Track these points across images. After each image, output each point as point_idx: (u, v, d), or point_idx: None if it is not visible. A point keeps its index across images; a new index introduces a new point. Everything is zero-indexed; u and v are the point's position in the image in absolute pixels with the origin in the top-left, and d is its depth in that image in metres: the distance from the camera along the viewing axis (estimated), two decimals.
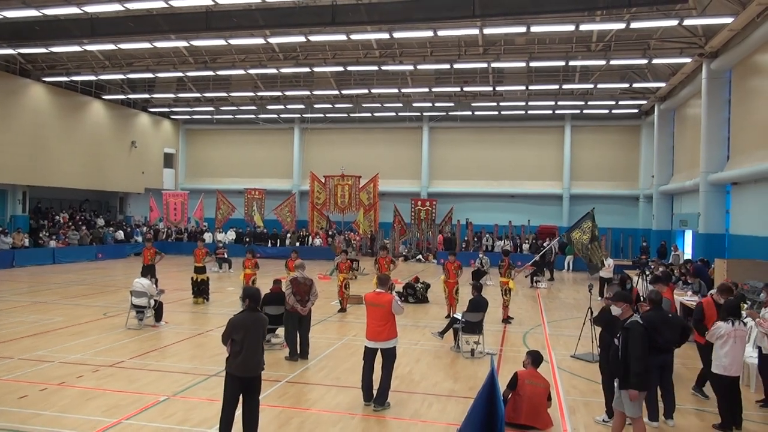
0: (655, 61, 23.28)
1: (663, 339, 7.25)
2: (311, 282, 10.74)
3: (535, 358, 7.46)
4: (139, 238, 32.94)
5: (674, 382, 8.07)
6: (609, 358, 6.66)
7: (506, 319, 14.69)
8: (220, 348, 11.15)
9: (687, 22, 18.60)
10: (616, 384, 6.56)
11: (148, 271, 16.51)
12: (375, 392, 8.10)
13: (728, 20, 17.88)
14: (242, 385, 6.43)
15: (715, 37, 19.83)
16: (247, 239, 33.92)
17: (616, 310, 6.62)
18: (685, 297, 13.93)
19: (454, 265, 15.01)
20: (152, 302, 13.12)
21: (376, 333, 8.01)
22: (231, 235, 34.29)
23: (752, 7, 16.61)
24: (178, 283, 19.87)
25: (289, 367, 10.05)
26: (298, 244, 33.11)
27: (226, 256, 25.66)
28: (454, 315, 12.01)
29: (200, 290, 16.61)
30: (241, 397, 6.50)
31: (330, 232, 33.84)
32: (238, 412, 6.52)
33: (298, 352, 10.53)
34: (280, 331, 11.30)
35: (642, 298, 10.10)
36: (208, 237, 33.29)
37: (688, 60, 22.42)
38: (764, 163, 16.81)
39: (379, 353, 8.05)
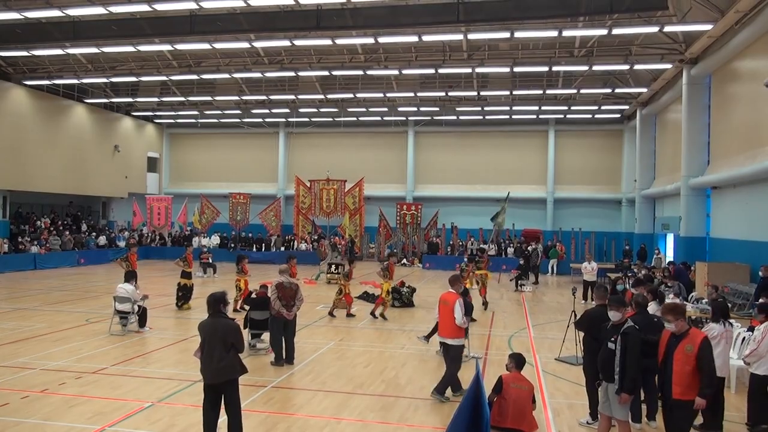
0: (636, 66, 23.59)
1: (648, 342, 7.33)
2: (297, 287, 10.73)
3: (518, 361, 7.49)
4: (122, 244, 32.62)
5: (656, 385, 8.17)
6: (597, 361, 6.68)
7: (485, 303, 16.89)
8: None
9: (667, 28, 18.91)
10: (600, 389, 6.61)
11: (132, 276, 16.31)
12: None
13: (707, 27, 18.19)
14: (212, 390, 6.44)
15: (695, 43, 20.16)
16: (232, 244, 33.79)
17: (615, 316, 6.62)
18: (666, 300, 14.06)
19: None
20: (136, 308, 13.01)
21: (442, 329, 8.70)
22: (215, 239, 34.08)
23: (730, 15, 16.91)
24: (162, 288, 19.71)
25: (274, 372, 10.02)
26: (283, 248, 33.06)
27: (210, 260, 25.50)
28: None
29: (186, 296, 16.43)
30: None
31: (314, 237, 33.78)
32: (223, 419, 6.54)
33: (284, 356, 10.50)
34: (266, 336, 11.27)
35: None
36: (194, 242, 33.13)
37: (668, 66, 22.74)
38: (743, 167, 17.10)
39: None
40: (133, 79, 28.44)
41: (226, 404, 6.49)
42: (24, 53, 24.23)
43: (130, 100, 33.29)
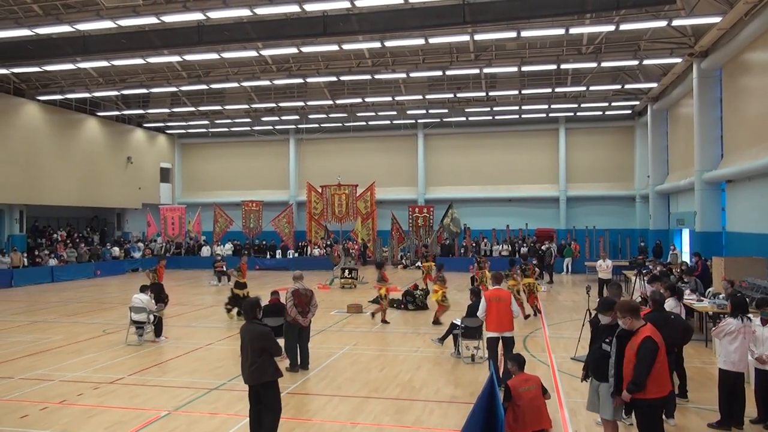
0: (645, 62, 23.38)
1: (665, 340, 7.22)
2: (311, 293, 10.74)
3: (519, 362, 7.33)
4: (137, 254, 32.92)
5: (674, 382, 8.08)
6: (589, 361, 6.65)
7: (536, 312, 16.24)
8: (221, 361, 11.21)
9: (676, 22, 18.72)
10: (590, 387, 6.54)
11: (159, 289, 16.29)
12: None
13: (716, 20, 18.01)
14: (252, 391, 6.79)
15: (704, 36, 19.96)
16: (246, 252, 33.94)
17: (605, 319, 6.56)
18: (684, 297, 13.91)
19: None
20: (152, 317, 13.11)
21: (499, 324, 9.15)
22: (229, 247, 34.27)
23: (739, 6, 16.73)
24: (178, 298, 19.83)
25: (290, 378, 10.04)
26: (297, 254, 33.17)
27: (225, 269, 25.62)
28: (454, 321, 12.03)
29: (237, 303, 16.06)
30: None
31: (327, 242, 33.85)
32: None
33: (299, 362, 10.53)
34: (280, 342, 11.28)
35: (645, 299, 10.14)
36: (206, 250, 33.35)
37: (678, 60, 22.55)
38: (757, 160, 16.89)
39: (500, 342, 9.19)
40: (143, 91, 28.72)
41: (263, 405, 6.78)
42: (36, 69, 24.55)
43: (141, 111, 33.60)
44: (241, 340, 6.89)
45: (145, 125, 36.47)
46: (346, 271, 24.02)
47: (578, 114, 32.71)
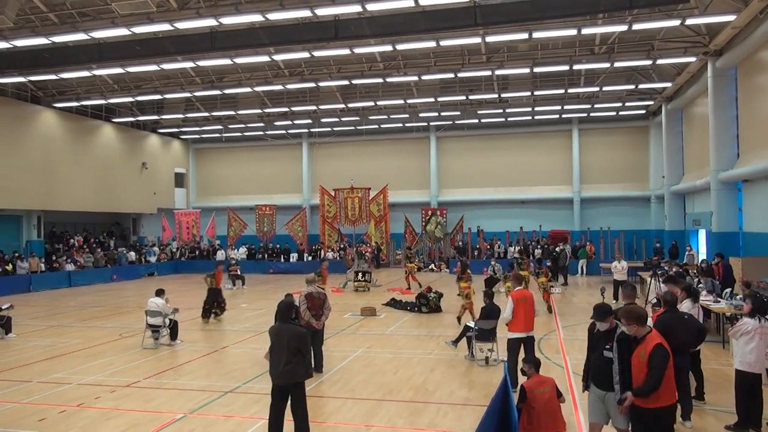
0: (659, 61, 23.21)
1: (679, 341, 7.15)
2: (325, 296, 10.76)
3: (537, 365, 7.29)
4: (153, 259, 33.23)
5: (690, 384, 8.01)
6: (591, 369, 6.50)
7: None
8: (236, 364, 11.29)
9: (689, 21, 18.58)
10: (592, 397, 6.38)
11: (216, 294, 16.56)
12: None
13: (731, 18, 17.85)
14: (278, 391, 6.88)
15: (719, 35, 19.78)
16: (260, 256, 34.16)
17: (603, 326, 6.42)
18: (700, 298, 13.76)
19: None
20: (167, 321, 13.23)
21: (526, 325, 9.20)
22: (243, 251, 34.48)
23: (754, 4, 16.57)
24: (192, 302, 19.96)
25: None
26: (310, 258, 33.29)
27: (239, 272, 25.79)
28: (467, 323, 12.00)
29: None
30: None
31: (341, 245, 33.93)
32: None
33: (313, 365, 10.53)
34: None
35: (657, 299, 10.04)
36: (220, 254, 33.54)
37: (692, 59, 22.34)
38: None
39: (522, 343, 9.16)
40: (158, 96, 29.02)
41: (293, 405, 6.87)
42: (52, 77, 24.92)
43: (155, 117, 33.94)
44: (272, 340, 6.98)
45: (160, 131, 36.85)
46: (360, 274, 24.07)
47: (592, 114, 32.54)
